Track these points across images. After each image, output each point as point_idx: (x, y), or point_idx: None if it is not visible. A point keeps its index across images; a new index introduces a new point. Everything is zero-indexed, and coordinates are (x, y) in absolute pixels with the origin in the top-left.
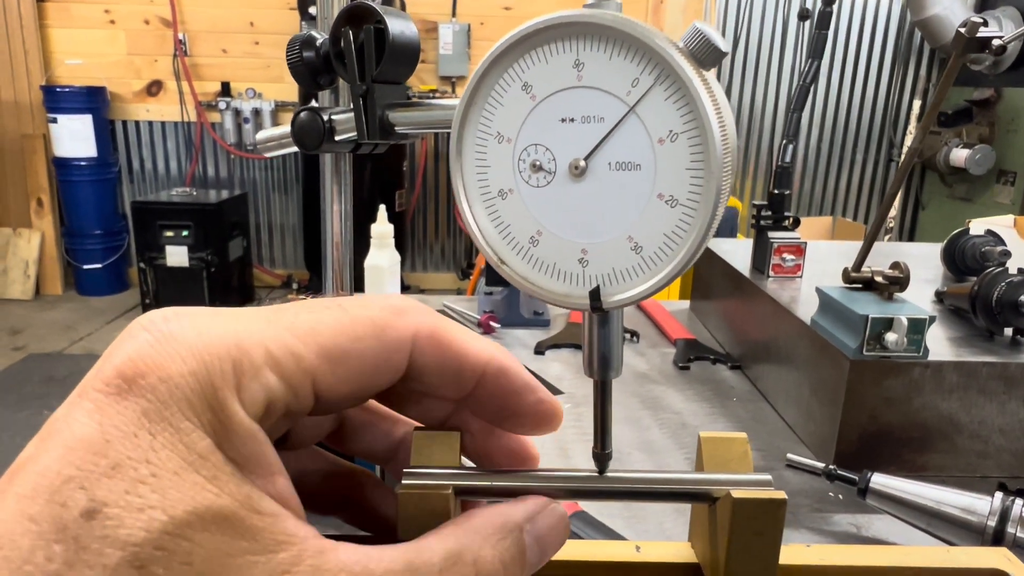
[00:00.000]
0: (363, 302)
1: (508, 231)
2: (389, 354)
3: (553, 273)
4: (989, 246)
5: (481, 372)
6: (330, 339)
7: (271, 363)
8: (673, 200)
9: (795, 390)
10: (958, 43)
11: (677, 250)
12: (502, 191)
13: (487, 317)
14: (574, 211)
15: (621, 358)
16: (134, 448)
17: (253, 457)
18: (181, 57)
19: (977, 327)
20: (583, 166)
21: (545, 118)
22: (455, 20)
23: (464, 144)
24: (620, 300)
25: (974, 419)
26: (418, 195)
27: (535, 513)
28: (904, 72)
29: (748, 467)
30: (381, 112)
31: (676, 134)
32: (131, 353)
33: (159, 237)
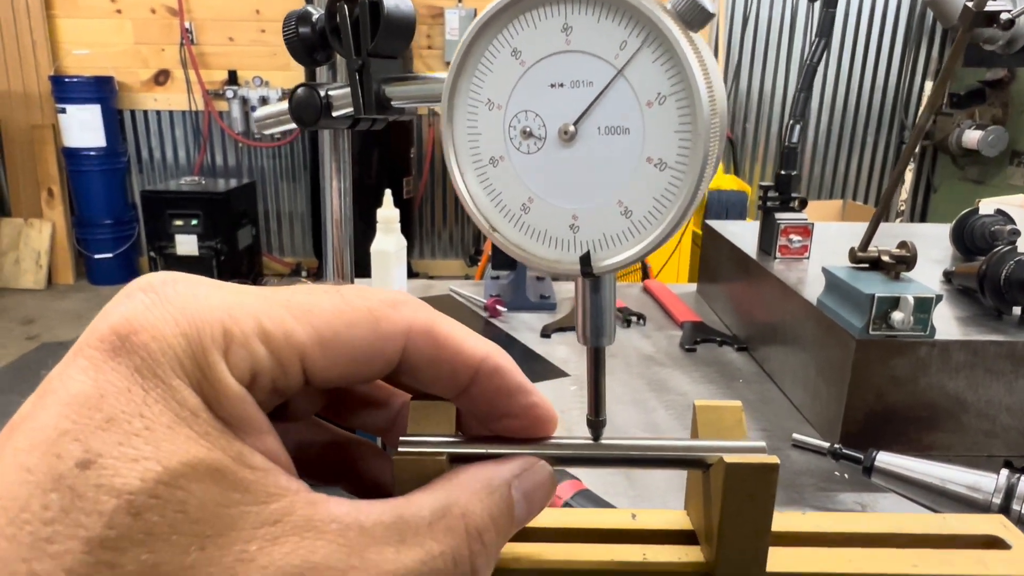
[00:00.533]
0: (362, 292)
1: (499, 198)
2: (382, 344)
3: (544, 239)
4: (999, 225)
5: (475, 370)
6: (324, 321)
7: (261, 335)
8: (662, 163)
9: (801, 371)
10: (966, 17)
11: (666, 213)
12: (493, 158)
13: (493, 301)
14: (564, 177)
15: (614, 325)
16: (128, 403)
17: (241, 418)
18: (188, 46)
19: (985, 306)
20: (572, 131)
21: (534, 84)
22: (461, 5)
23: (455, 112)
24: (610, 264)
25: (981, 398)
26: (426, 182)
27: (522, 470)
28: (915, 54)
29: (743, 434)
30: (377, 86)
31: (664, 96)
32: (126, 313)
33: (168, 226)
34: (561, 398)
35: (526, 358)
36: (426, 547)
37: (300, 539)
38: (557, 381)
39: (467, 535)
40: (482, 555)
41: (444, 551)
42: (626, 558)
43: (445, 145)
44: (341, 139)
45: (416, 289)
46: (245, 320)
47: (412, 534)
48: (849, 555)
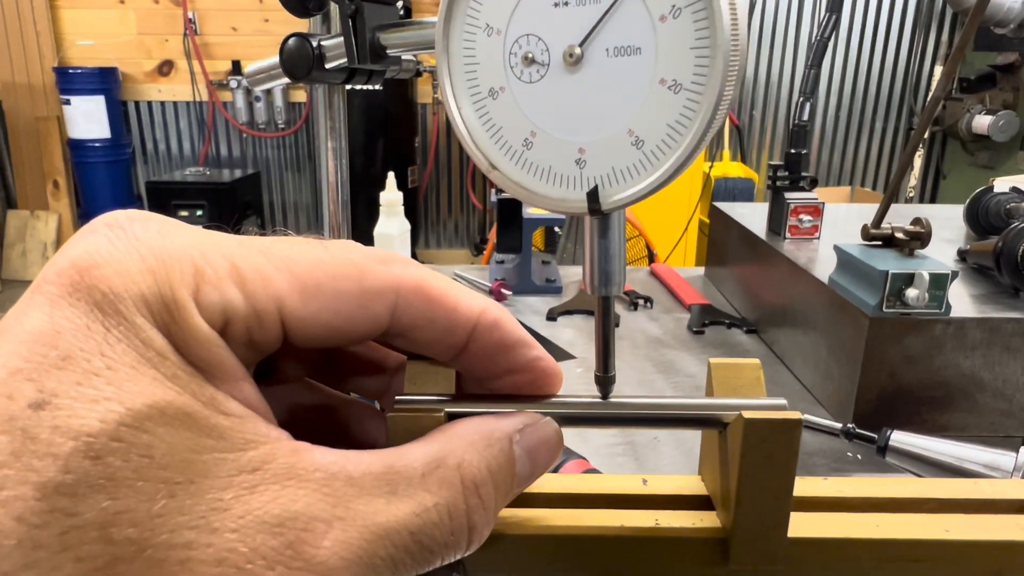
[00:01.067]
0: (346, 246)
1: (500, 134)
2: (368, 300)
3: (548, 177)
4: (1014, 203)
5: (473, 326)
6: (304, 270)
7: (235, 277)
8: (676, 85)
9: (812, 351)
10: None
11: (681, 140)
12: (492, 90)
13: (499, 284)
14: (570, 107)
15: (623, 272)
16: (86, 340)
17: (213, 362)
18: (191, 36)
19: (1001, 284)
20: (578, 54)
21: (537, 4)
22: None
23: (451, 40)
24: (620, 200)
25: (997, 377)
26: (430, 171)
27: (525, 425)
28: (925, 38)
29: (760, 392)
30: (371, 34)
31: (679, 9)
32: (87, 247)
33: (174, 216)
34: (568, 381)
35: None
36: (418, 498)
37: (281, 487)
38: (563, 364)
39: (463, 488)
40: (479, 510)
41: (438, 503)
42: (637, 523)
43: (440, 76)
44: (336, 96)
45: None
46: (218, 261)
47: (404, 485)
48: (876, 520)
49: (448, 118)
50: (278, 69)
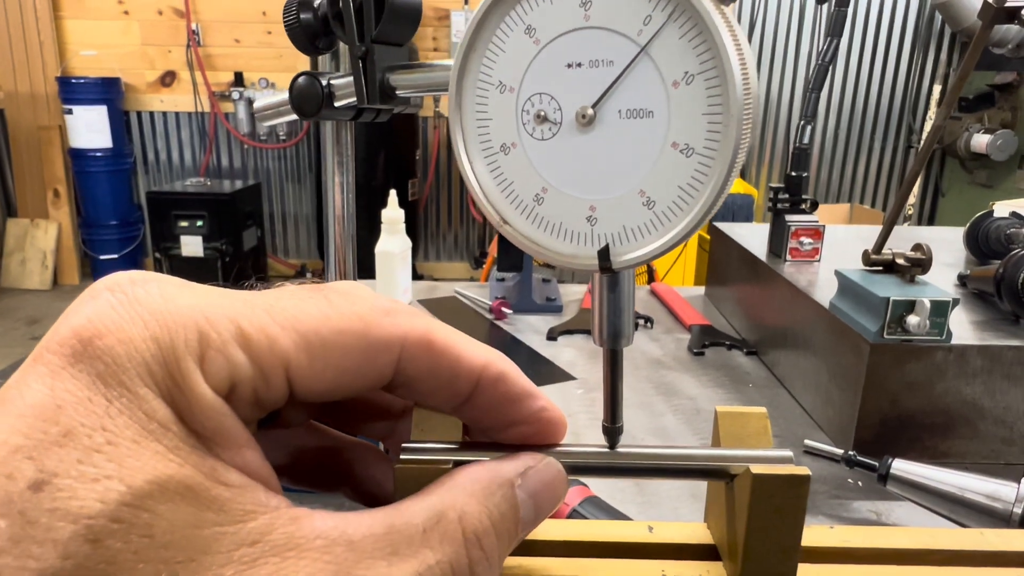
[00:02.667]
0: (351, 297)
1: (511, 188)
2: (374, 354)
3: (560, 233)
4: (1014, 228)
5: (477, 379)
6: (310, 328)
7: (240, 340)
8: (688, 149)
9: (813, 376)
10: (986, 14)
11: (693, 203)
12: (504, 145)
13: (499, 303)
14: (582, 165)
15: (632, 325)
16: (88, 414)
17: (217, 430)
18: (194, 47)
19: (1002, 311)
20: (591, 115)
21: (550, 64)
22: (468, 7)
23: (463, 95)
24: (631, 259)
25: (998, 404)
26: (431, 184)
27: (527, 468)
28: (924, 57)
29: (767, 442)
30: (381, 75)
31: (692, 76)
32: (90, 314)
33: (174, 227)
34: (568, 402)
35: (532, 361)
36: (420, 557)
37: (281, 560)
38: (563, 385)
39: (465, 541)
40: (482, 562)
41: (440, 559)
42: (644, 574)
43: (453, 131)
44: (344, 132)
45: (421, 291)
46: (223, 323)
47: (405, 544)
48: (883, 572)
49: (459, 168)
50: (287, 106)
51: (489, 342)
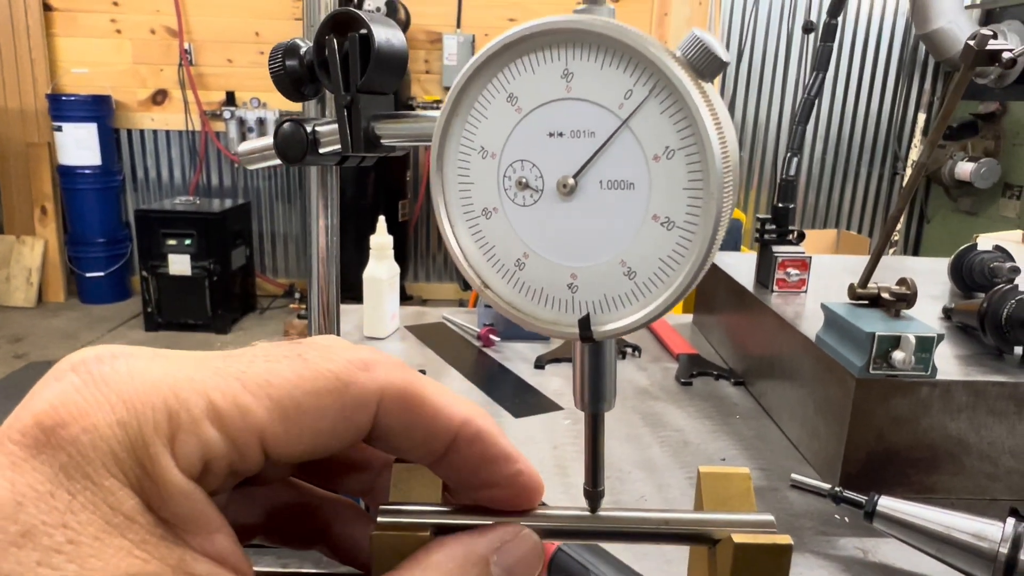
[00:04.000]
0: (327, 352)
1: (492, 252)
2: (351, 413)
3: (540, 298)
4: (998, 262)
5: (454, 437)
6: (285, 392)
7: (212, 416)
8: (669, 222)
9: (799, 408)
10: (967, 56)
11: (674, 276)
12: (486, 209)
13: (487, 330)
14: (563, 232)
15: (614, 389)
16: (49, 511)
17: (188, 516)
18: (186, 66)
19: (986, 345)
20: (572, 184)
21: (532, 132)
22: (460, 31)
23: (446, 159)
24: (612, 329)
25: (983, 440)
26: (421, 205)
27: (503, 541)
28: (909, 86)
29: (750, 505)
30: (366, 123)
31: (672, 151)
32: (52, 399)
33: (162, 245)
34: (554, 432)
35: (519, 390)
36: None
37: None
38: (550, 415)
39: None
40: None
41: None
42: None
43: (434, 194)
44: (329, 175)
45: (409, 316)
46: (193, 400)
47: None
48: None
49: (440, 231)
50: (271, 150)
51: (476, 370)
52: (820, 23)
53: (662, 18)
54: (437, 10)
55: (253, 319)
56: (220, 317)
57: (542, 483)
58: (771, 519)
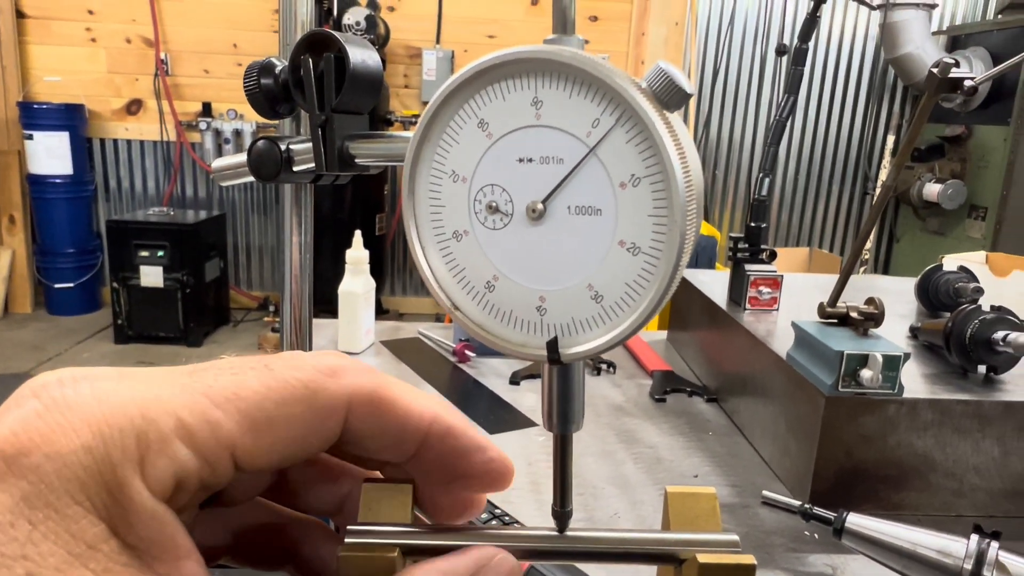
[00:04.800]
0: (294, 361)
1: (463, 275)
2: (321, 420)
3: (510, 320)
4: (962, 282)
5: (424, 434)
6: (254, 404)
7: (183, 434)
8: (635, 248)
9: (771, 425)
10: (931, 83)
11: (639, 300)
12: (457, 232)
13: (463, 346)
14: (532, 256)
15: (583, 411)
16: (9, 541)
17: (156, 541)
18: (162, 76)
19: (951, 364)
20: (541, 209)
21: (502, 158)
22: (439, 47)
23: (417, 183)
24: (579, 352)
25: (949, 457)
26: (399, 218)
27: (480, 565)
28: (878, 108)
29: (716, 525)
30: (341, 143)
31: (638, 178)
32: (13, 426)
33: (134, 257)
34: (529, 449)
35: (494, 406)
36: None
37: None
38: (525, 431)
39: None
40: None
41: None
42: None
43: (406, 217)
44: (303, 193)
45: (384, 331)
46: (162, 419)
47: None
48: None
49: (411, 253)
50: (245, 168)
51: (451, 385)
52: (792, 47)
53: (640, 38)
54: (417, 25)
55: (226, 332)
56: (192, 330)
57: (512, 466)
58: (736, 539)
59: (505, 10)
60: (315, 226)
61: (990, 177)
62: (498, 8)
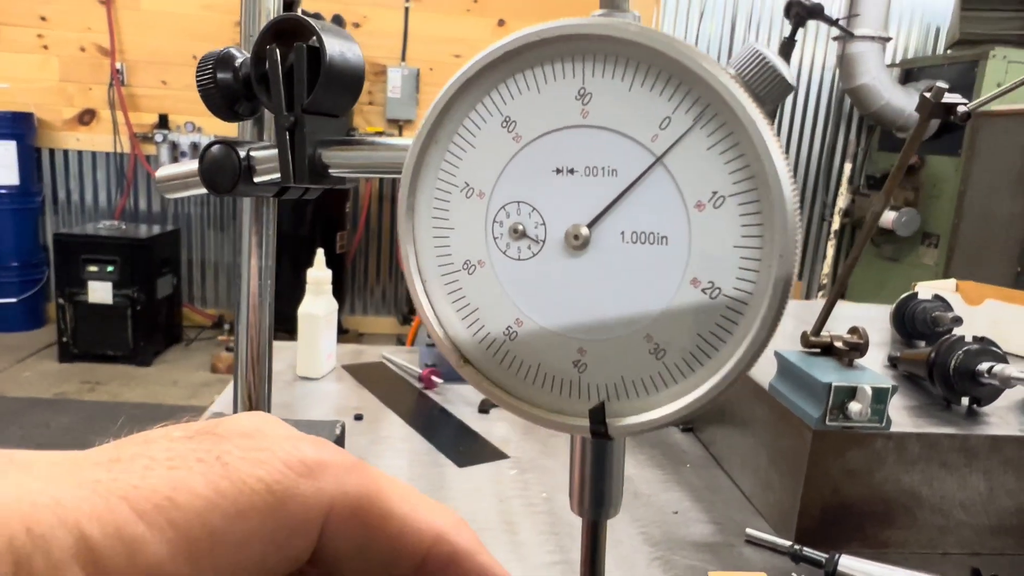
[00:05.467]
0: (256, 451)
1: (475, 317)
2: (287, 536)
3: (537, 378)
4: (940, 311)
5: (422, 558)
6: (195, 515)
7: (85, 557)
8: (714, 288)
9: (752, 458)
10: (924, 108)
11: (718, 359)
12: (469, 263)
13: (429, 371)
14: (570, 295)
15: (621, 491)
16: None
17: None
18: (117, 87)
19: (933, 395)
20: (585, 235)
21: (533, 167)
22: (405, 64)
23: (419, 197)
24: (633, 425)
25: (935, 493)
26: (360, 237)
27: None
28: (835, 136)
29: None
30: (312, 150)
31: (722, 197)
32: None
33: (82, 271)
34: (500, 484)
35: (462, 436)
36: None
37: None
38: (495, 464)
39: None
40: None
41: None
42: None
43: (402, 240)
44: (265, 208)
45: (346, 355)
46: (57, 535)
47: None
48: None
49: (408, 287)
50: (196, 178)
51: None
52: None
53: None
54: (382, 42)
55: (178, 351)
56: (142, 349)
57: None
58: None
59: (472, 30)
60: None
61: (942, 206)
62: (465, 28)
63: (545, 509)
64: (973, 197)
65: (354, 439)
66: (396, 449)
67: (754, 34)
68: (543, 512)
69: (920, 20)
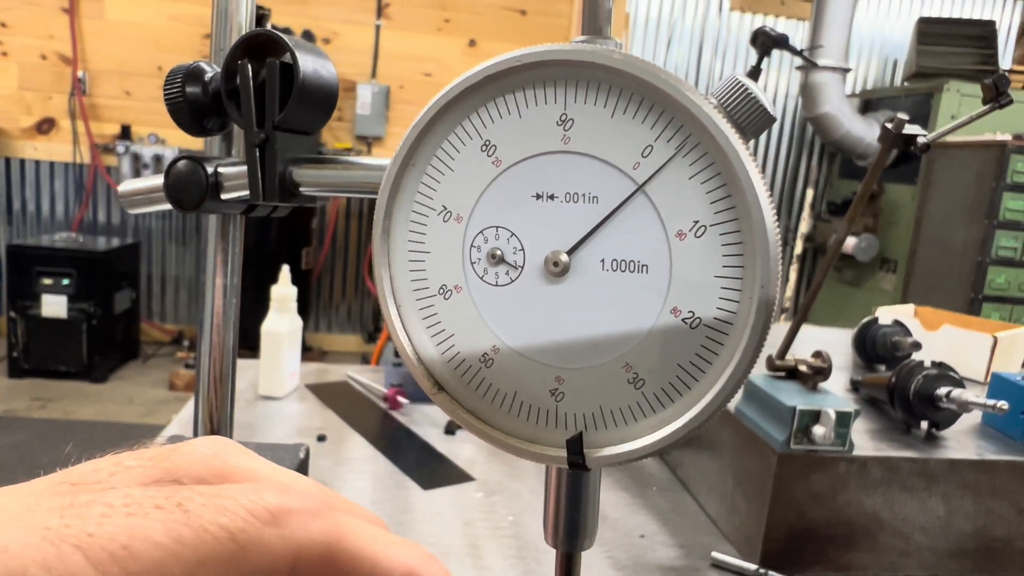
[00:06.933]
0: (219, 500)
1: (450, 344)
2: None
3: (513, 406)
4: (899, 336)
5: None
6: (152, 566)
7: None
8: (694, 318)
9: (718, 481)
10: (885, 138)
11: (697, 389)
12: (445, 288)
13: (394, 391)
14: (548, 323)
15: (596, 522)
16: None
17: None
18: (79, 96)
19: (893, 418)
20: (565, 262)
21: (512, 192)
22: (375, 81)
23: (395, 219)
24: (611, 455)
25: (896, 516)
26: (326, 253)
27: None
28: (798, 163)
29: None
30: (283, 167)
31: (703, 226)
32: None
33: (35, 284)
34: (466, 507)
35: (427, 458)
36: None
37: None
38: (461, 487)
39: None
40: None
41: None
42: None
43: (377, 263)
44: (232, 226)
45: (310, 374)
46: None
47: None
48: None
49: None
50: (160, 193)
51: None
52: None
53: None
54: (352, 59)
55: (135, 367)
56: (98, 364)
57: None
58: None
59: (442, 49)
60: None
61: (900, 232)
62: (436, 47)
63: (511, 533)
64: (929, 224)
65: (317, 461)
66: (360, 471)
67: (720, 62)
68: (509, 536)
69: (879, 52)
